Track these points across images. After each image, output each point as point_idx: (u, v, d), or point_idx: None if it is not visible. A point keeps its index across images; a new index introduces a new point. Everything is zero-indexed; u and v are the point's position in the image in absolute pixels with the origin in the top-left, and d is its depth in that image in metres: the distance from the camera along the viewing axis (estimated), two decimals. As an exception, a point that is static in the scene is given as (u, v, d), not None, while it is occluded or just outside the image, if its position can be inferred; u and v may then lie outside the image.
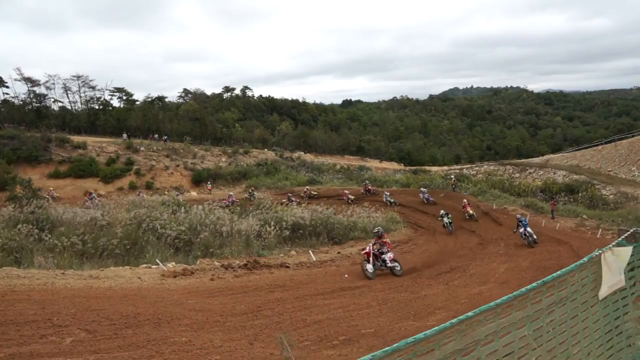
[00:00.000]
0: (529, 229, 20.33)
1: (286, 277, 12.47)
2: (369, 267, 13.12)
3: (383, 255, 13.92)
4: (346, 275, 12.58)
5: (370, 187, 39.11)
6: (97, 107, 72.08)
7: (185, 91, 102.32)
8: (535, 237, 20.00)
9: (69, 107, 72.66)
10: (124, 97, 76.41)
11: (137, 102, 79.00)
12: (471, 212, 28.25)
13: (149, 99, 78.67)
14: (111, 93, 74.53)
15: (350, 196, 35.80)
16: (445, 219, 25.46)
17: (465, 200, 29.90)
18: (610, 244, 3.23)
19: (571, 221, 26.89)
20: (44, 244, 17.41)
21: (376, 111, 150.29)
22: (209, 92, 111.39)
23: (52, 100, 71.09)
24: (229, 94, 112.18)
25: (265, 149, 70.27)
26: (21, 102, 66.33)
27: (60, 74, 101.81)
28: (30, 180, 28.22)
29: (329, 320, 8.25)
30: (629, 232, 3.52)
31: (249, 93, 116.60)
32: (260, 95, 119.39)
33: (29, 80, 64.81)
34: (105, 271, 12.10)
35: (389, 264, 13.80)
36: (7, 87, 66.75)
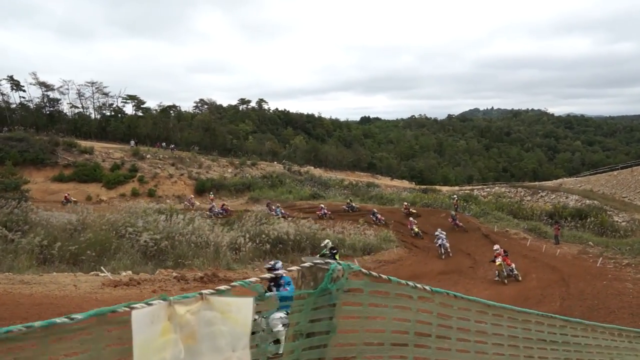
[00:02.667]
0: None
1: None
2: None
3: None
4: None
5: (458, 222, 30.04)
6: (108, 114, 72.62)
7: (202, 101, 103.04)
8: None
9: (85, 113, 73.35)
10: (138, 105, 76.89)
11: (154, 111, 79.54)
12: (502, 264, 17.04)
13: (162, 107, 79.01)
14: (124, 100, 75.10)
15: (415, 228, 29.30)
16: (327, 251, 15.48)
17: (497, 247, 18.24)
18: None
19: (575, 247, 25.48)
20: (14, 246, 16.94)
21: (393, 129, 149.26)
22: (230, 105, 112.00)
23: (70, 105, 72.03)
24: (244, 106, 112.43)
25: (275, 162, 69.76)
26: (35, 106, 67.11)
27: (76, 79, 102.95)
28: (18, 181, 27.82)
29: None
30: (303, 266, 2.06)
31: (265, 106, 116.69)
32: (276, 109, 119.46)
33: (43, 85, 65.67)
34: (45, 276, 11.41)
35: None
36: (24, 90, 67.70)
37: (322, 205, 35.48)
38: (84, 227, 19.80)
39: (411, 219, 30.91)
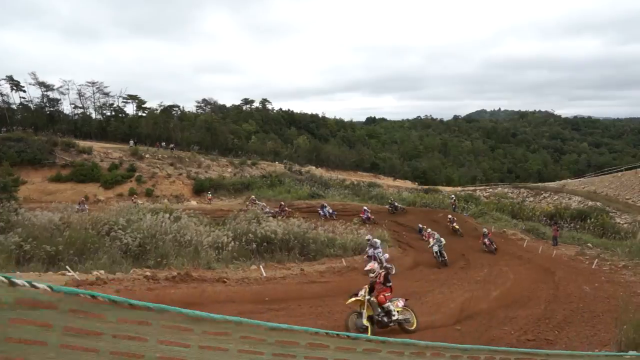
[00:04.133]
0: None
1: (204, 294, 11.17)
2: None
3: None
4: (267, 298, 11.17)
5: (487, 242, 24.22)
6: (109, 114, 72.61)
7: (204, 101, 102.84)
8: None
9: (87, 113, 73.27)
10: (139, 105, 76.84)
11: (156, 110, 79.38)
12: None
13: (162, 107, 79.04)
14: (124, 100, 75.00)
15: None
16: None
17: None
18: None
19: (573, 249, 24.92)
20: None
21: (399, 129, 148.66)
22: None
23: (73, 106, 72.03)
24: (248, 106, 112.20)
25: (277, 162, 69.39)
26: (35, 106, 67.14)
27: (78, 80, 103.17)
28: (5, 181, 27.56)
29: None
30: None
31: (269, 106, 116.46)
32: (280, 109, 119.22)
33: (43, 85, 65.69)
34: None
35: None
36: (24, 91, 67.74)
37: (365, 208, 32.70)
38: (67, 227, 19.49)
39: (429, 230, 25.64)
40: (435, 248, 21.05)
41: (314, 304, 10.89)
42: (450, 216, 30.37)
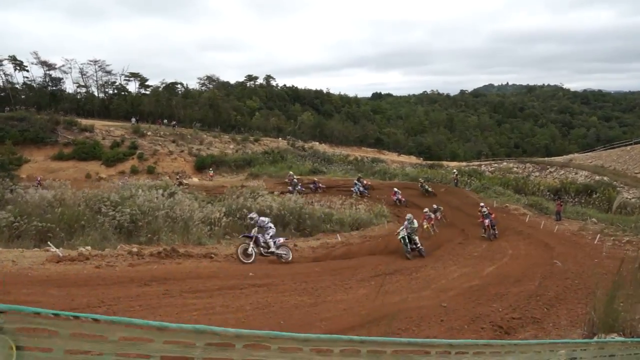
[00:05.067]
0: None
1: (187, 269, 10.90)
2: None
3: None
4: (251, 274, 10.84)
5: (487, 222, 20.74)
6: (111, 92, 72.17)
7: (208, 78, 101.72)
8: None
9: (89, 92, 72.90)
10: (142, 83, 76.31)
11: (159, 88, 78.76)
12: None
13: (165, 84, 78.45)
14: (127, 78, 74.47)
15: None
16: None
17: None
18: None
19: (576, 224, 24.42)
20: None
21: (404, 105, 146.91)
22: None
23: (77, 85, 71.64)
24: (251, 82, 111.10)
25: (280, 138, 68.92)
26: (38, 85, 66.87)
27: (80, 58, 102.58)
28: (3, 159, 27.50)
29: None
30: None
31: (273, 82, 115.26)
32: (284, 85, 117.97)
33: (45, 64, 65.28)
34: (-16, 252, 10.82)
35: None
36: (27, 70, 67.37)
37: (396, 189, 29.85)
38: (60, 204, 19.32)
39: (425, 210, 23.13)
40: (402, 233, 15.63)
41: (299, 280, 10.56)
42: (482, 204, 23.44)
